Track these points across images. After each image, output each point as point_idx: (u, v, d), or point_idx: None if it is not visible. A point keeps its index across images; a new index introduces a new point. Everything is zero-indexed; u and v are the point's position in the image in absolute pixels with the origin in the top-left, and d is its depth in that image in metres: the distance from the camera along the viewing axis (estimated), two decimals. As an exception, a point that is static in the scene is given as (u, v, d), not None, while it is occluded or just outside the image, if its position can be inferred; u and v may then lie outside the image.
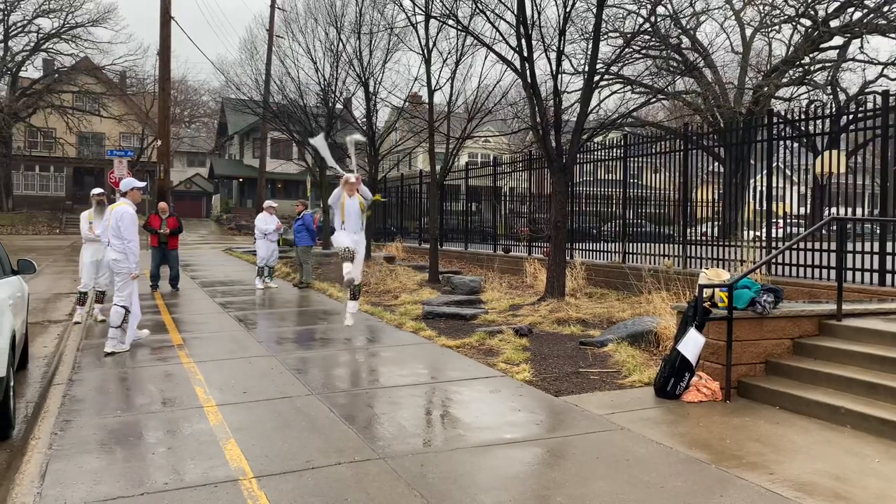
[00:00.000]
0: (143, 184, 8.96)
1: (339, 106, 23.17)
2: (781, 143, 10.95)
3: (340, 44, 21.14)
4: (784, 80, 25.50)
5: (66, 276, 18.19)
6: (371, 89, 19.71)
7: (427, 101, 16.22)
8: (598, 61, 12.19)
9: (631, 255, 13.09)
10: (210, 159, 58.61)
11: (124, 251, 8.35)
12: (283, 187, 49.89)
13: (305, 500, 4.18)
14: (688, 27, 24.27)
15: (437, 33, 15.62)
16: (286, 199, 42.26)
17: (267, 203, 15.97)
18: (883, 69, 25.75)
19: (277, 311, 12.22)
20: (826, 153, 10.18)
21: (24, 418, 6.30)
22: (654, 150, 13.11)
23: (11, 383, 5.80)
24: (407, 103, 21.28)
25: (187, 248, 27.51)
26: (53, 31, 42.51)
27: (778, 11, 25.33)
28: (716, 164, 13.27)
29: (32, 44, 43.26)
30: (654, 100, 23.47)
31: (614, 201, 14.32)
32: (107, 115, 44.13)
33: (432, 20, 14.57)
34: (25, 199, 47.70)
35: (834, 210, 10.41)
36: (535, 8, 11.47)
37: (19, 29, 42.61)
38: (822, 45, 24.64)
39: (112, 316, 8.44)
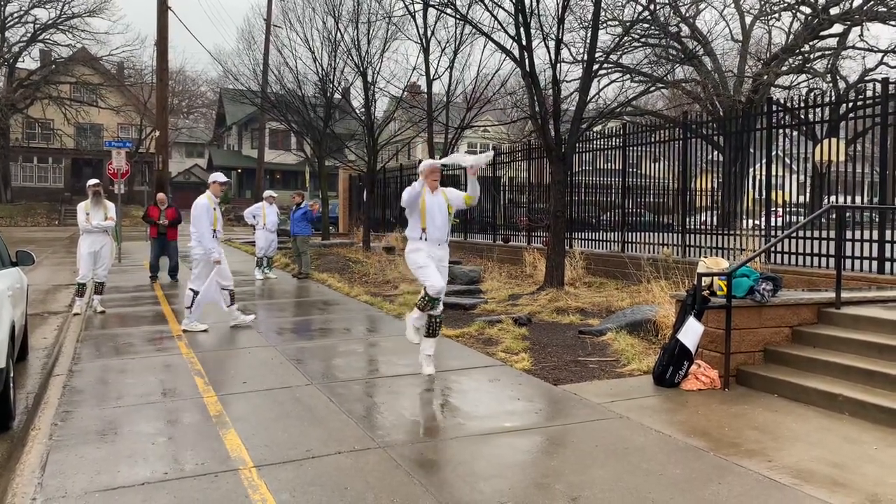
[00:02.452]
0: (225, 179, 9.63)
1: (337, 96, 23.09)
2: (781, 131, 10.92)
3: (338, 33, 21.03)
4: (784, 69, 25.42)
5: (65, 267, 18.18)
6: (369, 79, 19.62)
7: (426, 90, 16.17)
8: (597, 50, 12.15)
9: (630, 245, 13.08)
10: (208, 150, 58.52)
11: (198, 239, 9.11)
12: (281, 178, 49.88)
13: (305, 489, 4.20)
14: (687, 15, 24.17)
15: (436, 22, 15.61)
16: (284, 190, 42.14)
17: (267, 193, 15.97)
18: (883, 57, 25.69)
19: (276, 301, 12.23)
20: (825, 141, 10.15)
21: (24, 409, 6.31)
22: (653, 139, 13.07)
23: (11, 374, 5.82)
24: (405, 93, 21.20)
25: (186, 239, 27.47)
26: (50, 22, 42.30)
27: (777, -1, 25.22)
28: (715, 152, 13.24)
29: (29, 34, 43.07)
30: (653, 88, 23.42)
31: (613, 190, 14.30)
32: (105, 106, 44.03)
33: (430, 8, 14.51)
34: (24, 190, 47.64)
35: (833, 198, 10.39)
36: (533, -4, 11.42)
37: (16, 19, 42.42)
38: (822, 33, 24.53)
39: (185, 299, 9.24)
